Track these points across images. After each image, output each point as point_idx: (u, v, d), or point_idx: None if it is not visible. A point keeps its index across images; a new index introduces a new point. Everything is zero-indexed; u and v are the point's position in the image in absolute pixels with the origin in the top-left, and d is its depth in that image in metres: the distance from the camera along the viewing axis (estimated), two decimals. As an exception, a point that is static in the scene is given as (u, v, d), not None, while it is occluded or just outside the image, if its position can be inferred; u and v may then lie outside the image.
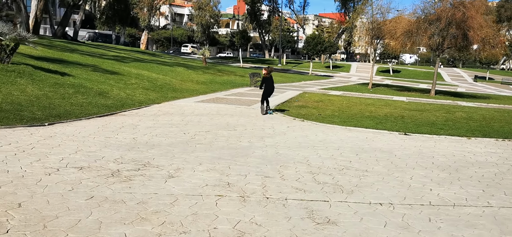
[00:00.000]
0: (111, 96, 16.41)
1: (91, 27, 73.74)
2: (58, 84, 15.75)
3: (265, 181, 6.56)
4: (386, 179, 7.15)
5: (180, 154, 8.12)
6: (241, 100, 19.72)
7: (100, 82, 18.57)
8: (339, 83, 39.71)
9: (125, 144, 8.81)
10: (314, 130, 12.43)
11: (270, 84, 15.48)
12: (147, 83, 21.99)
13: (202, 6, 73.72)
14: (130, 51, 43.31)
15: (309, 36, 52.90)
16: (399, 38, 33.35)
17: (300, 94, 24.72)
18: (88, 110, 13.27)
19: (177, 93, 20.57)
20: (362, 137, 11.57)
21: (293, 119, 14.57)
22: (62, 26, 34.60)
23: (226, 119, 13.53)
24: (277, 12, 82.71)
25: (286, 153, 8.78)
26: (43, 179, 5.95)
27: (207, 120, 13.09)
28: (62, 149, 7.89)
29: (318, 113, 16.51)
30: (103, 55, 29.76)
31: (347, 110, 18.37)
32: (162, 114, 13.92)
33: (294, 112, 16.44)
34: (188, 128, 11.49)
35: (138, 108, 15.10)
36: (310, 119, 14.74)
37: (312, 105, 19.84)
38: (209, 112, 15.15)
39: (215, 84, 27.66)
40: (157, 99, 17.93)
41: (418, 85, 47.47)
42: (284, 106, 18.76)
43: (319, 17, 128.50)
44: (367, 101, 23.33)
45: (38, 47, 24.59)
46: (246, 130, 11.63)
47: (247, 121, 13.46)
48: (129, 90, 18.59)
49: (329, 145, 9.95)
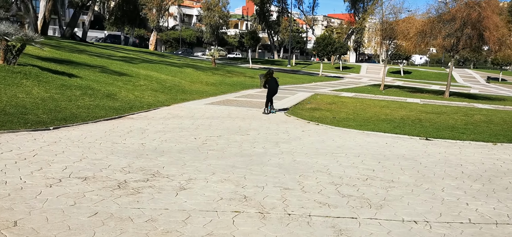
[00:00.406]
0: (119, 98, 15.95)
1: (100, 28, 73.70)
2: (65, 85, 15.32)
3: (284, 194, 6.01)
4: (416, 191, 6.56)
5: (192, 162, 7.59)
6: (252, 102, 19.18)
7: (108, 84, 18.14)
8: (350, 84, 39.05)
9: (133, 150, 8.31)
10: (330, 134, 11.85)
11: (272, 84, 16.06)
12: (156, 84, 21.53)
13: (211, 7, 73.34)
14: (138, 52, 42.97)
15: (319, 36, 52.24)
16: (412, 38, 32.63)
17: (312, 96, 24.14)
18: (95, 113, 12.81)
19: (187, 95, 20.09)
20: (381, 142, 10.98)
21: (308, 123, 14.00)
22: (71, 27, 34.30)
23: (237, 123, 13.00)
24: (286, 13, 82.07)
25: (304, 161, 8.22)
26: (43, 192, 5.45)
27: (218, 124, 12.56)
28: (66, 156, 7.40)
29: (333, 116, 15.92)
30: (111, 56, 29.39)
31: (361, 113, 17.76)
32: (171, 117, 13.42)
33: (307, 115, 15.87)
34: (199, 132, 10.97)
35: (147, 111, 14.62)
36: (325, 123, 14.17)
37: (325, 107, 19.26)
38: (219, 115, 14.63)
39: (225, 85, 27.15)
40: (167, 101, 17.44)
41: (430, 86, 46.63)
42: (296, 108, 18.19)
43: (328, 17, 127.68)
44: (381, 103, 22.68)
45: (46, 48, 24.24)
46: (260, 135, 11.08)
47: (259, 124, 12.91)
48: (137, 92, 18.13)
49: (348, 152, 9.37)
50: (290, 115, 15.67)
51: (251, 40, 50.57)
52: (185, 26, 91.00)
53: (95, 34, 68.26)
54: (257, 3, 77.35)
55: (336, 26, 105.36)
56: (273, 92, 16.08)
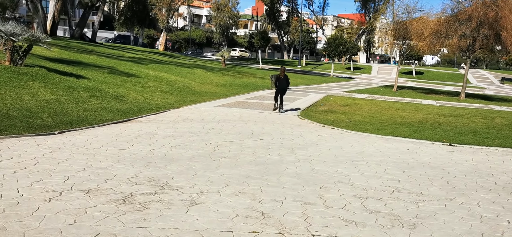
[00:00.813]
0: (127, 100, 15.50)
1: (110, 28, 73.64)
2: (72, 87, 14.90)
3: (306, 210, 5.45)
4: (449, 206, 5.98)
5: (203, 171, 7.06)
6: (264, 104, 18.64)
7: (116, 85, 17.71)
8: (362, 85, 38.36)
9: (140, 157, 7.80)
10: (347, 139, 11.27)
11: (282, 84, 16.14)
12: (165, 86, 21.08)
13: (221, 7, 72.94)
14: (147, 52, 42.65)
15: (331, 37, 51.57)
16: (427, 38, 31.89)
17: (324, 98, 23.54)
18: (103, 116, 12.35)
19: (197, 97, 19.60)
20: (402, 148, 10.37)
21: (323, 127, 13.42)
22: (80, 27, 34.03)
23: (250, 126, 12.46)
24: (296, 13, 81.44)
25: (323, 170, 7.66)
26: (41, 208, 4.95)
27: (230, 128, 12.03)
28: (69, 165, 6.91)
29: (348, 120, 15.33)
30: (120, 57, 29.02)
31: (377, 116, 17.14)
32: (181, 121, 12.92)
33: (321, 118, 15.29)
34: (210, 137, 10.45)
35: (156, 113, 14.14)
36: (341, 126, 13.58)
37: (339, 109, 18.66)
38: (231, 118, 14.10)
39: (235, 86, 26.65)
40: (176, 103, 16.97)
41: (443, 87, 45.75)
42: (309, 110, 17.62)
43: (338, 17, 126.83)
44: (396, 105, 22.02)
45: (54, 49, 23.91)
46: (273, 140, 10.54)
47: (273, 128, 12.36)
48: (146, 94, 17.68)
49: (369, 159, 8.79)
50: (303, 118, 15.11)
51: (262, 40, 50.01)
52: (195, 27, 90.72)
53: (105, 35, 68.18)
54: (267, 3, 76.84)
55: (346, 26, 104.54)
56: (281, 90, 16.09)
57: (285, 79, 16.31)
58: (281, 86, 16.14)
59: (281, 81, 16.23)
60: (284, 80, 16.25)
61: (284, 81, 16.21)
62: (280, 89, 16.14)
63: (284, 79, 16.25)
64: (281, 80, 16.25)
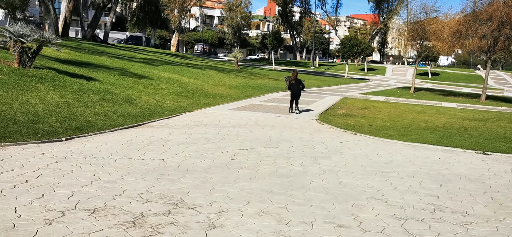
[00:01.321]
0: (139, 103, 14.95)
1: (122, 29, 73.55)
2: (82, 90, 14.38)
3: (341, 235, 4.77)
4: (502, 229, 5.25)
5: (221, 185, 6.41)
6: (280, 107, 17.97)
7: (128, 88, 17.18)
8: (377, 87, 37.51)
9: (152, 168, 7.18)
10: (372, 147, 10.55)
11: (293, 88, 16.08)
12: (178, 88, 20.52)
13: (233, 8, 72.40)
14: (159, 53, 42.24)
15: (345, 37, 50.68)
16: (446, 39, 30.95)
17: (341, 100, 22.80)
18: (113, 120, 11.78)
19: (210, 99, 19.00)
20: (433, 157, 9.62)
21: (344, 132, 12.71)
22: (92, 28, 33.69)
23: (267, 132, 11.80)
24: (309, 13, 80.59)
25: (352, 183, 6.97)
26: (40, 232, 4.35)
27: (246, 133, 11.38)
28: (74, 178, 6.32)
29: (369, 125, 14.59)
30: (132, 58, 28.57)
31: (398, 120, 16.38)
32: (195, 125, 12.30)
33: (341, 123, 14.58)
34: (226, 144, 9.81)
35: (169, 117, 13.55)
36: (362, 132, 12.85)
37: (358, 113, 17.92)
38: (246, 122, 13.45)
39: (249, 88, 26.02)
40: (189, 106, 16.38)
41: (461, 89, 44.67)
42: (327, 114, 16.92)
43: (351, 18, 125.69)
44: (416, 108, 21.21)
45: (65, 50, 23.52)
46: (293, 147, 9.86)
47: (291, 134, 11.68)
48: (158, 96, 17.12)
49: (400, 170, 8.07)
50: (323, 122, 14.40)
51: (275, 40, 49.31)
52: (207, 27, 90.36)
53: (117, 36, 68.07)
54: (280, 4, 76.17)
55: (359, 27, 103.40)
56: (295, 95, 16.05)
57: (297, 83, 16.15)
58: (294, 91, 16.05)
59: (294, 85, 16.11)
60: (297, 84, 16.11)
61: (296, 86, 16.08)
62: (293, 93, 16.10)
63: (296, 83, 16.12)
64: (293, 85, 16.13)
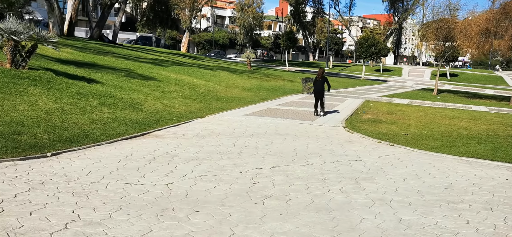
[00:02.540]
0: (144, 108, 13.36)
1: (132, 29, 72.32)
2: (81, 93, 12.82)
3: None
4: None
5: (243, 229, 4.73)
6: (299, 112, 16.27)
7: (133, 90, 15.61)
8: (397, 89, 35.62)
9: (152, 199, 5.55)
10: (418, 162, 8.81)
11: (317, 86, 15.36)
12: (188, 90, 18.93)
13: (245, 8, 70.75)
14: (169, 54, 40.75)
15: (362, 37, 48.80)
16: (474, 38, 28.97)
17: (364, 103, 21.03)
18: (113, 129, 10.20)
19: (223, 103, 17.37)
20: (498, 178, 7.86)
21: (378, 142, 10.97)
22: (99, 28, 32.29)
23: (291, 143, 10.12)
24: (322, 13, 78.67)
25: (416, 221, 5.26)
26: None
27: (267, 145, 9.72)
28: (45, 218, 4.69)
29: (404, 133, 12.83)
30: (140, 58, 27.06)
31: (433, 126, 14.61)
32: (206, 135, 10.66)
33: (372, 130, 12.85)
34: (244, 160, 8.15)
35: (177, 125, 11.94)
36: (399, 142, 11.12)
37: (386, 118, 16.17)
38: (265, 131, 11.79)
39: (263, 90, 24.37)
40: (200, 111, 14.77)
41: (483, 91, 42.58)
42: (353, 120, 15.18)
43: (363, 18, 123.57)
44: (447, 113, 19.38)
45: (68, 50, 22.11)
46: (326, 164, 8.17)
47: (319, 146, 9.99)
48: (166, 100, 15.53)
49: (468, 199, 6.34)
50: (352, 130, 12.67)
51: (288, 41, 47.58)
52: (218, 28, 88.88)
53: (127, 36, 66.77)
54: (292, 4, 74.38)
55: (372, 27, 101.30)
56: (318, 94, 15.26)
57: (322, 81, 15.37)
58: (317, 89, 15.23)
59: (317, 83, 15.35)
60: (321, 82, 15.33)
61: (320, 83, 15.28)
62: (316, 91, 15.27)
63: (321, 81, 15.35)
64: (317, 82, 15.38)
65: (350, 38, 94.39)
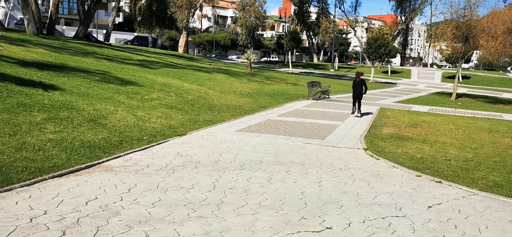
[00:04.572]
0: (109, 124, 10.41)
1: (130, 30, 69.46)
2: (24, 105, 9.88)
3: None
4: None
5: None
6: (306, 125, 13.31)
7: (102, 99, 12.66)
8: (410, 93, 32.62)
9: None
10: (491, 219, 5.84)
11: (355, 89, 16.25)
12: (174, 97, 16.00)
13: (247, 7, 67.74)
14: (164, 54, 37.80)
15: (371, 37, 45.72)
16: (500, 37, 25.87)
17: (380, 112, 18.05)
18: (47, 159, 7.26)
19: (214, 113, 14.43)
20: None
21: (417, 176, 7.97)
22: (84, 26, 29.39)
23: (297, 181, 7.15)
24: (326, 13, 75.62)
25: None
26: None
27: (263, 184, 6.76)
28: None
29: (445, 158, 9.84)
30: (126, 60, 24.11)
31: (474, 145, 11.66)
32: (179, 166, 7.69)
33: (400, 153, 9.88)
34: (227, 219, 5.19)
35: (145, 148, 8.99)
36: (445, 174, 8.15)
37: (411, 133, 13.21)
38: (262, 157, 8.81)
39: (264, 96, 21.42)
40: (182, 125, 11.83)
41: (501, 94, 39.54)
42: (373, 137, 12.22)
43: (368, 19, 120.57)
44: (480, 124, 16.39)
45: (40, 50, 19.23)
46: (352, 227, 5.21)
47: (337, 186, 7.01)
48: (143, 111, 12.59)
49: None
50: (377, 155, 9.65)
51: (292, 41, 44.57)
52: (220, 28, 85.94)
53: (124, 36, 63.83)
54: (296, 3, 71.38)
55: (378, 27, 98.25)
56: (356, 96, 16.24)
57: (360, 84, 16.15)
58: (356, 92, 16.26)
59: (356, 85, 16.23)
60: (359, 84, 16.17)
61: (358, 86, 16.18)
62: (355, 94, 16.31)
63: (358, 83, 16.19)
64: (356, 85, 16.26)
65: (354, 39, 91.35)
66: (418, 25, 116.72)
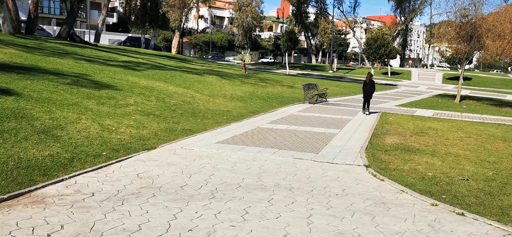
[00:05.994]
0: (64, 136, 8.80)
1: (125, 30, 67.80)
2: (-40, 115, 8.26)
3: None
4: None
5: None
6: (299, 134, 11.71)
7: (66, 105, 11.04)
8: (411, 95, 31.06)
9: None
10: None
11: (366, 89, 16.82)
12: (155, 102, 14.40)
13: (243, 7, 66.14)
14: (154, 55, 36.17)
15: (371, 37, 44.20)
16: (507, 36, 24.31)
17: (381, 117, 16.49)
18: (-38, 187, 5.65)
19: (196, 121, 12.83)
20: None
21: (433, 206, 6.38)
22: (68, 25, 27.78)
23: (280, 216, 5.55)
24: (325, 14, 74.09)
25: None
26: None
27: (234, 225, 5.16)
28: None
29: (463, 178, 8.24)
30: (109, 61, 22.49)
31: (491, 158, 10.12)
32: (133, 194, 6.08)
33: (407, 170, 8.29)
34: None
35: (99, 168, 7.38)
36: (464, 201, 6.57)
37: (417, 142, 11.64)
38: (241, 179, 7.19)
39: (256, 99, 19.83)
40: (155, 136, 10.23)
41: (504, 96, 38.03)
42: (375, 148, 10.65)
43: (367, 20, 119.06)
44: (492, 131, 14.86)
45: (9, 50, 17.61)
46: None
47: (332, 221, 5.41)
48: (112, 119, 10.97)
49: None
50: (379, 172, 8.04)
51: (289, 41, 43.02)
52: (216, 29, 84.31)
53: (117, 37, 62.14)
54: (294, 3, 69.83)
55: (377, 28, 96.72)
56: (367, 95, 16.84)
57: (370, 84, 16.75)
58: (366, 91, 16.79)
59: (366, 86, 16.77)
60: (369, 85, 16.74)
61: (368, 86, 16.73)
62: (366, 94, 16.83)
63: (368, 84, 16.75)
64: (366, 85, 16.79)
65: (353, 40, 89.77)
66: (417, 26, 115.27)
